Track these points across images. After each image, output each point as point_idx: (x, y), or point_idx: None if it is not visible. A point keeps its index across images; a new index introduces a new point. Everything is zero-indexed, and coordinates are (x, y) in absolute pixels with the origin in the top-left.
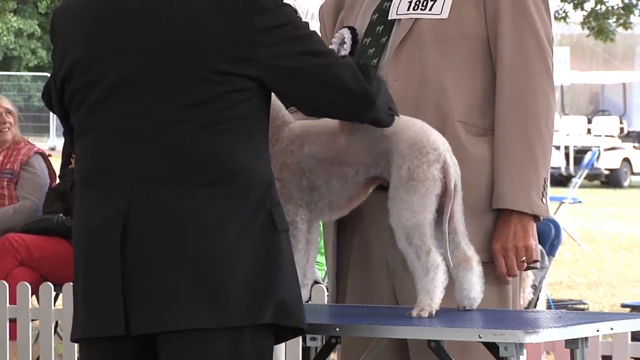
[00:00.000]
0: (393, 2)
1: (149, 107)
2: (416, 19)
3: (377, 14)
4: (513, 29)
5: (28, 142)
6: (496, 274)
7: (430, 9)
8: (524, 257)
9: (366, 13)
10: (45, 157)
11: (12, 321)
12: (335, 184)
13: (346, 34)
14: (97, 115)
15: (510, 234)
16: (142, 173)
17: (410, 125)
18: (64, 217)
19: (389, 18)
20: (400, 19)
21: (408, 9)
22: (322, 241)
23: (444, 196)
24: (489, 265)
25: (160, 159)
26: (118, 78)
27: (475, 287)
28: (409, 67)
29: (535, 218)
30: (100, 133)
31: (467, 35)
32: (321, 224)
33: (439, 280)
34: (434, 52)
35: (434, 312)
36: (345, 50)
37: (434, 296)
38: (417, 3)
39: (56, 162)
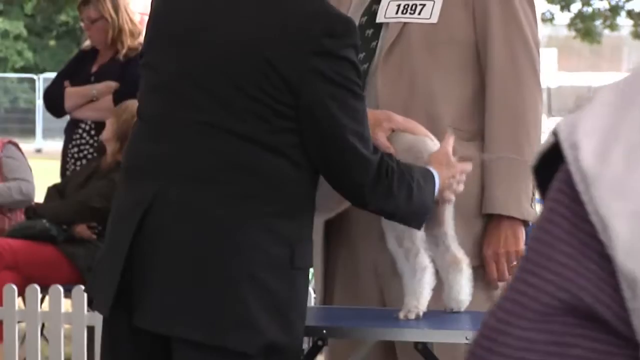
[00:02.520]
0: (381, 5)
1: (194, 109)
2: (405, 23)
3: (365, 17)
4: (502, 33)
5: None
6: (486, 279)
7: (419, 13)
8: (515, 262)
9: (355, 15)
10: (18, 147)
11: None
12: (325, 188)
13: None
14: (150, 102)
15: (502, 239)
16: (178, 169)
17: (407, 134)
18: (46, 225)
19: (377, 21)
20: (388, 23)
21: (397, 13)
22: None
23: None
24: (478, 270)
25: (203, 160)
26: (176, 71)
27: (464, 289)
28: (399, 72)
29: (525, 223)
30: (149, 121)
31: (456, 39)
32: None
33: (426, 282)
34: (423, 57)
35: (420, 314)
36: None
37: (420, 297)
38: (406, 7)
39: (43, 164)
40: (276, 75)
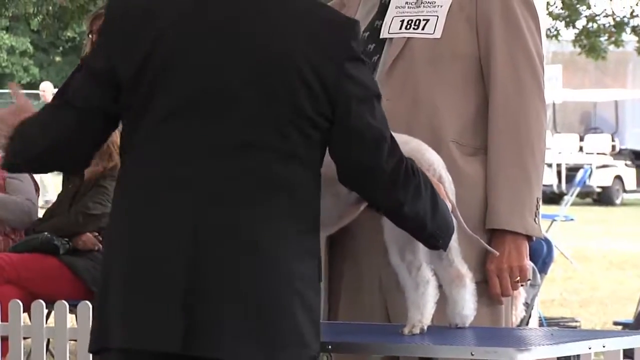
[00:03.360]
0: (385, 21)
1: (227, 127)
2: (409, 38)
3: (368, 32)
4: (505, 48)
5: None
6: (489, 294)
7: (423, 29)
8: (518, 277)
9: None
10: None
11: (4, 339)
12: (327, 202)
13: None
14: (168, 124)
15: (505, 254)
16: (214, 192)
17: (405, 144)
18: (49, 236)
19: (381, 37)
20: (392, 38)
21: (400, 28)
22: None
23: None
24: (482, 285)
25: (237, 180)
26: (198, 90)
27: (468, 304)
28: (402, 87)
29: (529, 238)
30: (171, 144)
31: (460, 54)
32: None
33: (430, 295)
34: (426, 71)
35: (425, 328)
36: None
37: (424, 311)
38: (410, 22)
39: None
40: (314, 86)
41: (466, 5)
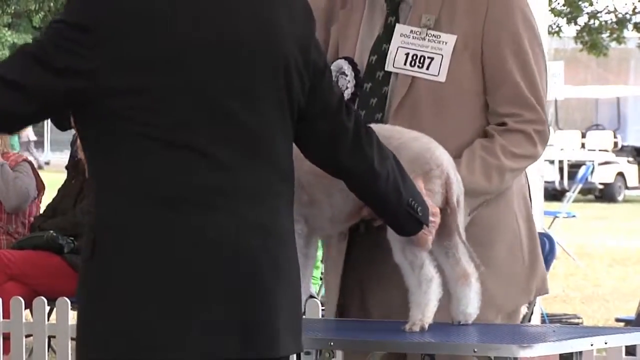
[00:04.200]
0: (390, 49)
1: (249, 122)
2: (413, 77)
3: (375, 56)
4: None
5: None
6: None
7: (427, 68)
8: None
9: (364, 50)
10: (32, 166)
11: (6, 336)
12: (337, 198)
13: (345, 65)
14: (193, 128)
15: None
16: (247, 192)
17: (415, 140)
18: (54, 234)
19: (386, 69)
20: (397, 73)
21: (405, 63)
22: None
23: (446, 211)
24: None
25: (265, 176)
26: (214, 89)
27: (472, 303)
28: (408, 126)
29: None
30: (197, 148)
31: (463, 92)
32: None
33: (432, 294)
34: (431, 111)
35: (425, 327)
36: (349, 82)
37: (425, 310)
38: (415, 58)
39: (51, 177)
40: (300, 72)
41: (470, 42)
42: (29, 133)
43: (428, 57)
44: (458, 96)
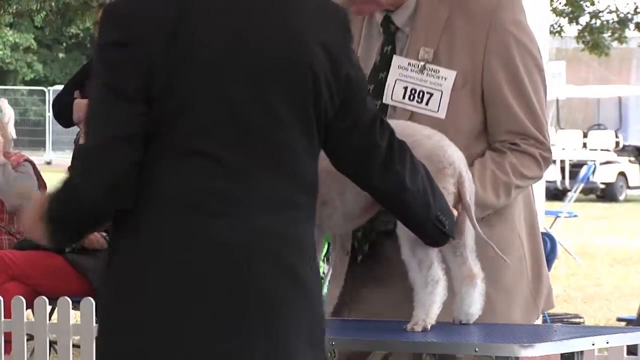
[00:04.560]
0: (388, 82)
1: (269, 132)
2: (412, 112)
3: (372, 85)
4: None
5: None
6: None
7: (426, 104)
8: None
9: (365, 60)
10: (34, 166)
11: (7, 335)
12: (349, 195)
13: None
14: (211, 135)
15: None
16: (264, 200)
17: (428, 138)
18: None
19: (384, 102)
20: (395, 107)
21: (403, 97)
22: None
23: (457, 210)
24: None
25: (284, 186)
26: (240, 99)
27: (475, 303)
28: None
29: None
30: (214, 155)
31: (462, 130)
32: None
33: (437, 295)
34: None
35: (428, 327)
36: None
37: (429, 311)
38: (413, 93)
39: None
40: (329, 82)
41: (469, 78)
42: (11, 130)
43: (427, 93)
44: (456, 133)
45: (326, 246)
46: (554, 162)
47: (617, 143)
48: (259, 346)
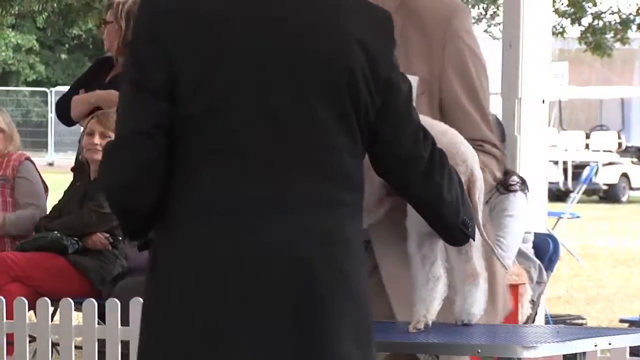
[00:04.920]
0: None
1: (307, 131)
2: None
3: None
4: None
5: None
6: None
7: None
8: None
9: None
10: (34, 164)
11: (10, 337)
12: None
13: None
14: (238, 136)
15: None
16: (304, 201)
17: (443, 135)
18: (58, 235)
19: None
20: None
21: None
22: None
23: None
24: None
25: (325, 186)
26: (264, 98)
27: (477, 303)
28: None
29: None
30: (241, 157)
31: None
32: None
33: (438, 292)
34: None
35: (429, 323)
36: None
37: (430, 307)
38: None
39: (55, 178)
40: (368, 83)
41: (427, 87)
42: None
43: None
44: None
45: None
46: (556, 163)
47: (620, 144)
48: (309, 348)
